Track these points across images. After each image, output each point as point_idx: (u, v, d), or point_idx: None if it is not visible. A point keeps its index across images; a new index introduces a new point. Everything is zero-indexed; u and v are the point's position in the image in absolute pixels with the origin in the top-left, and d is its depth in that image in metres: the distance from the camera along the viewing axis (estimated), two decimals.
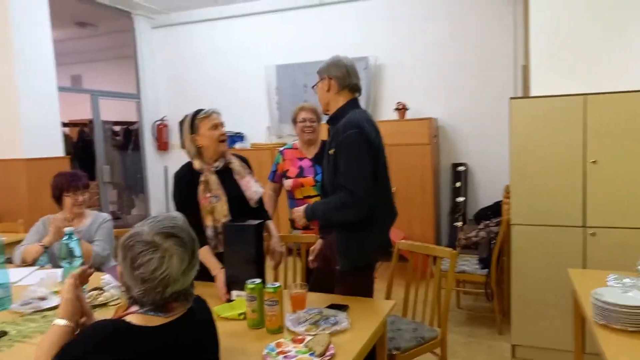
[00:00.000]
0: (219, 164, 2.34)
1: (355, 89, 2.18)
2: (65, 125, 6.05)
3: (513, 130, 2.95)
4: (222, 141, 2.32)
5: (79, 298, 1.35)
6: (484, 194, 5.36)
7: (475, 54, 5.24)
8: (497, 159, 5.16)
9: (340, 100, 2.15)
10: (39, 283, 2.13)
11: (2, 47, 4.36)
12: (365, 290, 2.13)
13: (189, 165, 2.35)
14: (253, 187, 2.38)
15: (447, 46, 5.33)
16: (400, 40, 5.53)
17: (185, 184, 2.30)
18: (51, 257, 2.77)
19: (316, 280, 2.31)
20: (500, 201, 4.57)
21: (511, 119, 2.94)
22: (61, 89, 4.91)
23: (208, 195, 2.25)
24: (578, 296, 2.00)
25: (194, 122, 2.31)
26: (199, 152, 2.33)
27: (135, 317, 1.17)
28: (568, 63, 2.98)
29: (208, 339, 1.31)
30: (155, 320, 1.17)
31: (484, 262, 3.54)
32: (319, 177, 2.89)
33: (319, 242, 2.33)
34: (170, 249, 1.15)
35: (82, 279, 1.42)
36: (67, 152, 4.97)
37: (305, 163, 3.00)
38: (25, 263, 2.67)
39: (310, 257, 2.35)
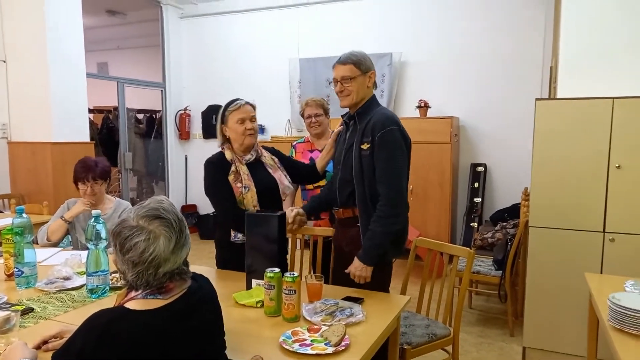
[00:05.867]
0: (250, 157, 2.36)
1: (376, 86, 2.24)
2: (89, 111, 6.18)
3: (537, 131, 2.93)
4: (250, 135, 2.32)
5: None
6: (502, 195, 5.33)
7: (500, 54, 5.20)
8: (517, 161, 5.12)
9: (369, 94, 2.19)
10: (64, 263, 2.21)
11: (36, 32, 4.49)
12: (384, 282, 2.17)
13: (221, 154, 2.37)
14: (285, 182, 2.42)
15: (472, 45, 5.30)
16: (424, 37, 5.50)
17: (217, 171, 2.31)
18: (74, 240, 2.86)
19: (333, 273, 2.36)
20: (518, 203, 4.54)
21: (536, 120, 2.92)
22: (89, 75, 5.02)
23: (238, 185, 2.29)
24: (594, 300, 2.00)
25: (224, 113, 2.34)
26: (227, 142, 2.37)
27: (135, 303, 1.20)
28: (597, 66, 2.94)
29: (210, 316, 1.33)
30: (155, 303, 1.19)
31: (499, 264, 3.53)
32: (329, 168, 2.91)
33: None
34: (156, 231, 1.18)
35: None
36: (91, 138, 5.08)
37: (316, 155, 3.08)
38: (49, 241, 2.75)
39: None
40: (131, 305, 1.19)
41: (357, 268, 2.06)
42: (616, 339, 1.61)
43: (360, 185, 2.11)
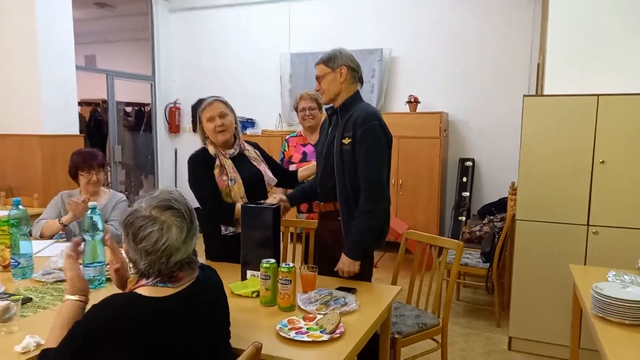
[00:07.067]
0: (233, 152, 2.40)
1: (362, 81, 2.28)
2: (78, 104, 6.14)
3: (525, 127, 3.00)
4: (220, 132, 2.33)
5: (80, 272, 1.42)
6: (489, 190, 5.42)
7: (490, 51, 5.27)
8: (504, 155, 5.21)
9: (350, 91, 2.21)
10: (60, 254, 2.21)
11: (26, 24, 4.45)
12: (364, 274, 2.20)
13: (204, 150, 2.41)
14: (269, 174, 2.48)
15: (462, 41, 5.36)
16: (415, 33, 5.55)
17: (202, 167, 2.35)
18: (68, 232, 2.86)
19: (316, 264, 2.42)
20: (505, 198, 4.63)
21: (524, 116, 2.99)
22: (78, 68, 4.98)
23: (224, 178, 2.33)
24: (578, 290, 2.07)
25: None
26: (209, 139, 2.40)
27: (145, 290, 1.23)
28: (583, 63, 3.02)
29: (217, 305, 1.37)
30: (165, 291, 1.23)
31: (486, 256, 3.61)
32: None
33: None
34: (169, 221, 1.22)
35: (77, 252, 1.48)
36: (80, 131, 5.05)
37: (309, 149, 3.14)
38: (42, 237, 2.76)
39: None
40: (142, 291, 1.23)
41: (345, 264, 2.11)
42: (599, 326, 1.68)
43: (341, 179, 2.15)
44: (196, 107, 6.62)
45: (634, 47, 2.91)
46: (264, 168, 2.48)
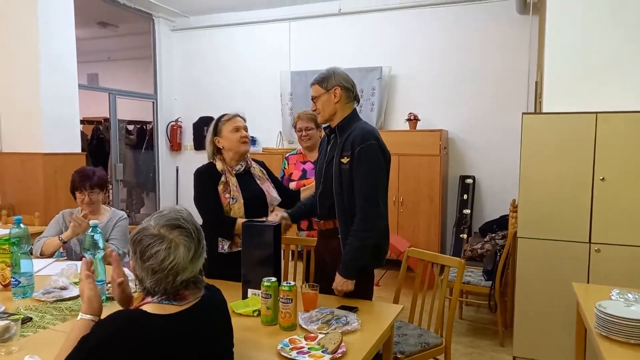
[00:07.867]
0: (240, 167, 2.44)
1: (358, 100, 2.28)
2: (80, 122, 6.19)
3: (524, 145, 3.01)
4: (244, 142, 2.42)
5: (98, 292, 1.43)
6: (490, 207, 5.41)
7: (488, 68, 5.32)
8: (505, 173, 5.22)
9: (346, 111, 2.21)
10: (60, 273, 2.21)
11: (29, 43, 4.50)
12: (366, 293, 2.18)
13: (211, 165, 2.45)
14: (273, 194, 2.51)
15: (461, 59, 5.41)
16: (414, 51, 5.61)
17: (207, 180, 2.39)
18: (68, 251, 2.85)
19: (314, 282, 2.40)
20: (506, 215, 4.62)
21: (523, 134, 3.01)
22: (81, 86, 5.03)
23: (227, 195, 2.36)
24: (582, 308, 2.06)
25: (217, 124, 2.44)
26: (219, 154, 2.44)
27: (150, 307, 1.23)
28: (581, 81, 3.05)
29: (221, 325, 1.37)
30: (170, 308, 1.23)
31: (489, 274, 3.59)
32: None
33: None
34: (176, 240, 1.22)
35: (91, 270, 1.48)
36: (82, 149, 5.07)
37: (308, 166, 3.17)
38: (43, 255, 2.75)
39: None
40: (147, 308, 1.23)
41: (339, 283, 2.09)
42: (603, 346, 1.66)
43: (339, 198, 2.14)
44: (199, 125, 6.70)
45: (631, 64, 2.94)
46: (267, 187, 2.50)
